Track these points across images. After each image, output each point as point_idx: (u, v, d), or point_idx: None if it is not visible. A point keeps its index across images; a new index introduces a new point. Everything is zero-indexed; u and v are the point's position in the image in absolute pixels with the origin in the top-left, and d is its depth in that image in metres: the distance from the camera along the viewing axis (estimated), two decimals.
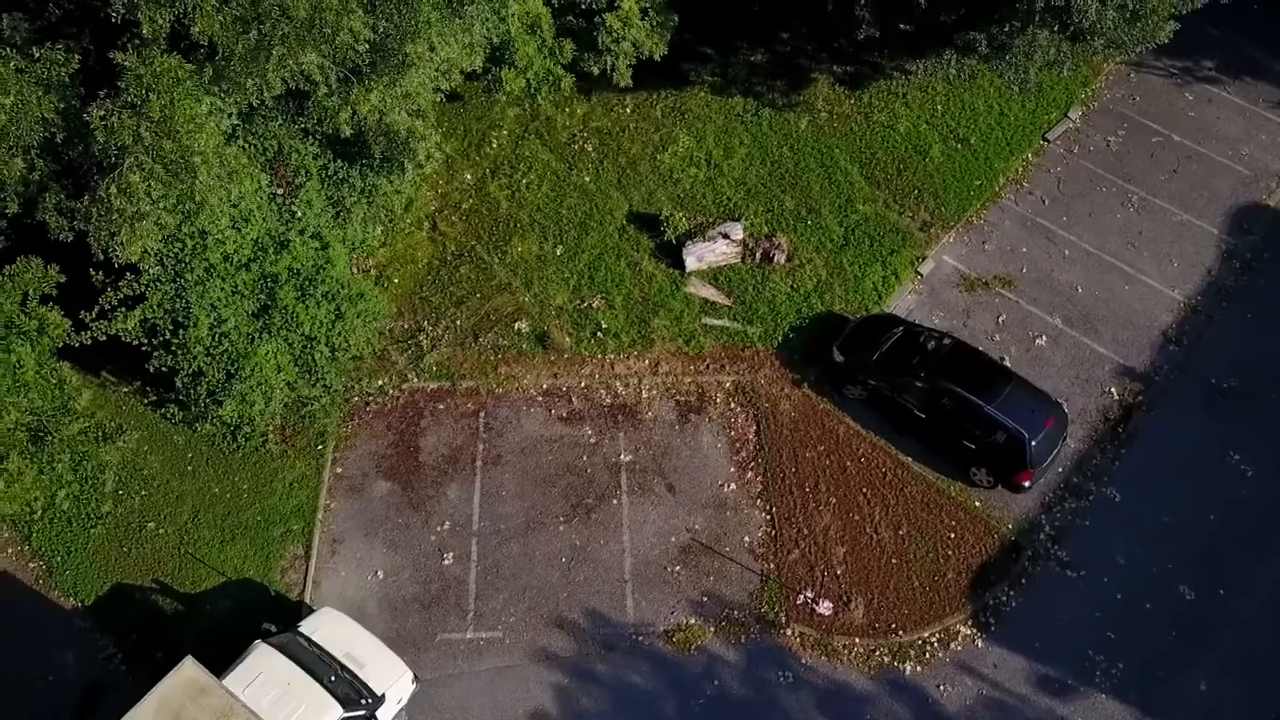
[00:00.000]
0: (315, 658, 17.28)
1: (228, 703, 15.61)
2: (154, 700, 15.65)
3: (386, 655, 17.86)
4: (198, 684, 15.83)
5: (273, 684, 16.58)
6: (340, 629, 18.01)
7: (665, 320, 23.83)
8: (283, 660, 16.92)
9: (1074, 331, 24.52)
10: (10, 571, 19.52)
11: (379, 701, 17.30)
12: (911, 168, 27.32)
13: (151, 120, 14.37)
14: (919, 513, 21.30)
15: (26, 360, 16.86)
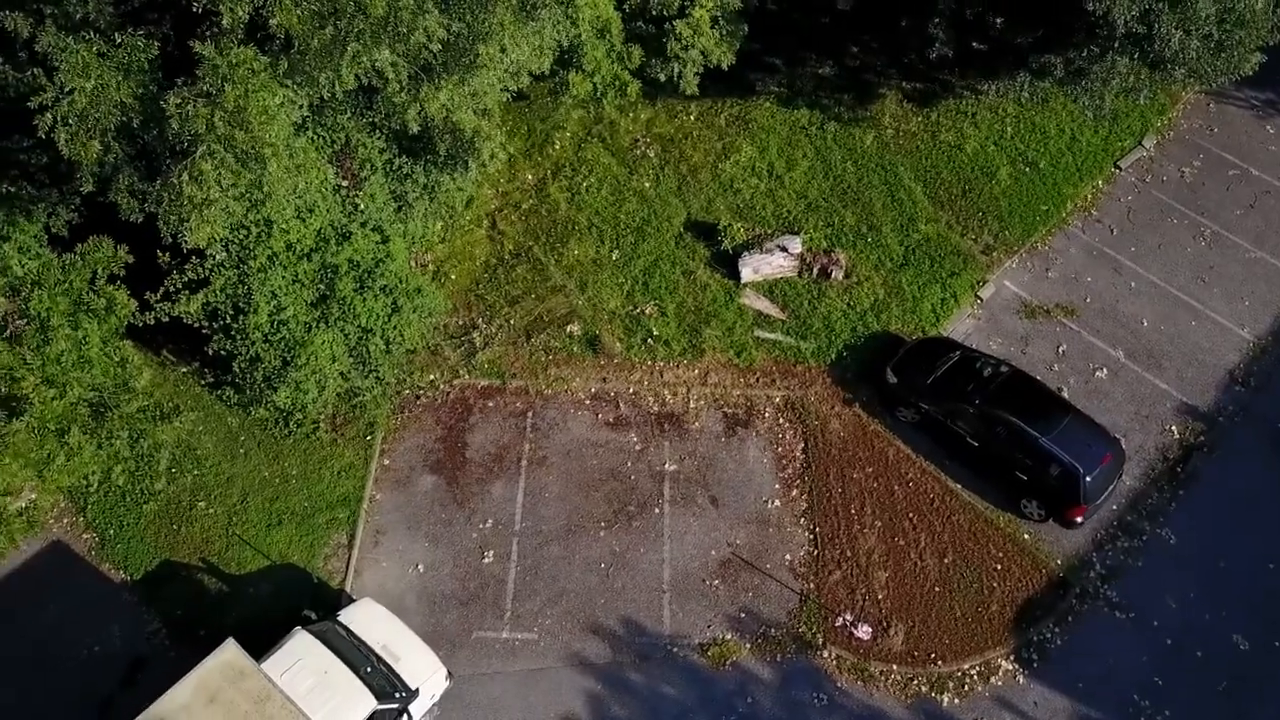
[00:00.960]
0: (353, 647, 17.42)
1: (265, 688, 15.78)
2: (193, 680, 15.88)
3: (422, 650, 17.96)
4: (237, 667, 16.03)
5: (310, 671, 16.72)
6: (378, 621, 18.15)
7: (717, 330, 23.70)
8: (321, 648, 17.07)
9: (1136, 366, 23.92)
10: (65, 541, 19.97)
11: (412, 696, 17.38)
12: (977, 189, 26.88)
13: (225, 110, 14.60)
14: (966, 542, 20.92)
15: (92, 337, 17.22)
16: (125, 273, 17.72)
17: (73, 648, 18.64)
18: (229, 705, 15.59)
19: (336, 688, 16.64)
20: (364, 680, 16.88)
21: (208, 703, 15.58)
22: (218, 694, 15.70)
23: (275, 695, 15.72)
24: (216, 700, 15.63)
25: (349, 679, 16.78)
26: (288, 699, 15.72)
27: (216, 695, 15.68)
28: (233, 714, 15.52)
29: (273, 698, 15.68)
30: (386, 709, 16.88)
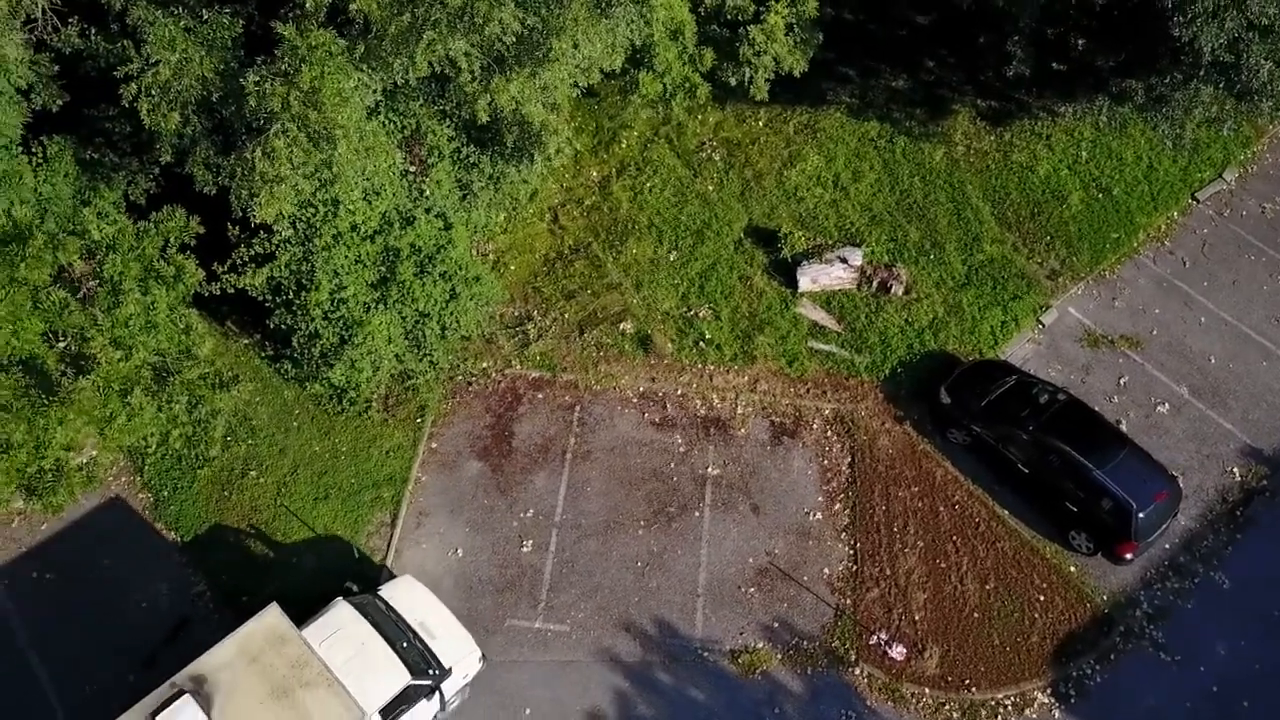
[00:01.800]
0: (391, 622, 17.67)
1: (304, 654, 16.11)
2: (235, 642, 16.28)
3: (458, 631, 18.17)
4: (278, 632, 16.39)
5: (348, 642, 16.99)
6: (418, 598, 18.41)
7: (770, 338, 23.59)
8: (360, 620, 17.35)
9: (1200, 403, 23.28)
10: (123, 498, 20.58)
11: (446, 674, 17.57)
12: (1046, 212, 26.39)
13: (301, 90, 14.95)
14: (1009, 569, 20.55)
15: (160, 303, 17.73)
16: (196, 243, 18.23)
17: (123, 602, 19.21)
18: (268, 667, 15.95)
19: (372, 660, 16.90)
20: (400, 655, 17.11)
21: (248, 663, 15.98)
22: (258, 656, 16.09)
23: (313, 662, 16.04)
24: (257, 661, 16.02)
25: (385, 652, 17.03)
26: (325, 666, 16.02)
27: (257, 657, 16.07)
28: (271, 676, 15.87)
29: (310, 664, 16.00)
30: (419, 684, 17.10)
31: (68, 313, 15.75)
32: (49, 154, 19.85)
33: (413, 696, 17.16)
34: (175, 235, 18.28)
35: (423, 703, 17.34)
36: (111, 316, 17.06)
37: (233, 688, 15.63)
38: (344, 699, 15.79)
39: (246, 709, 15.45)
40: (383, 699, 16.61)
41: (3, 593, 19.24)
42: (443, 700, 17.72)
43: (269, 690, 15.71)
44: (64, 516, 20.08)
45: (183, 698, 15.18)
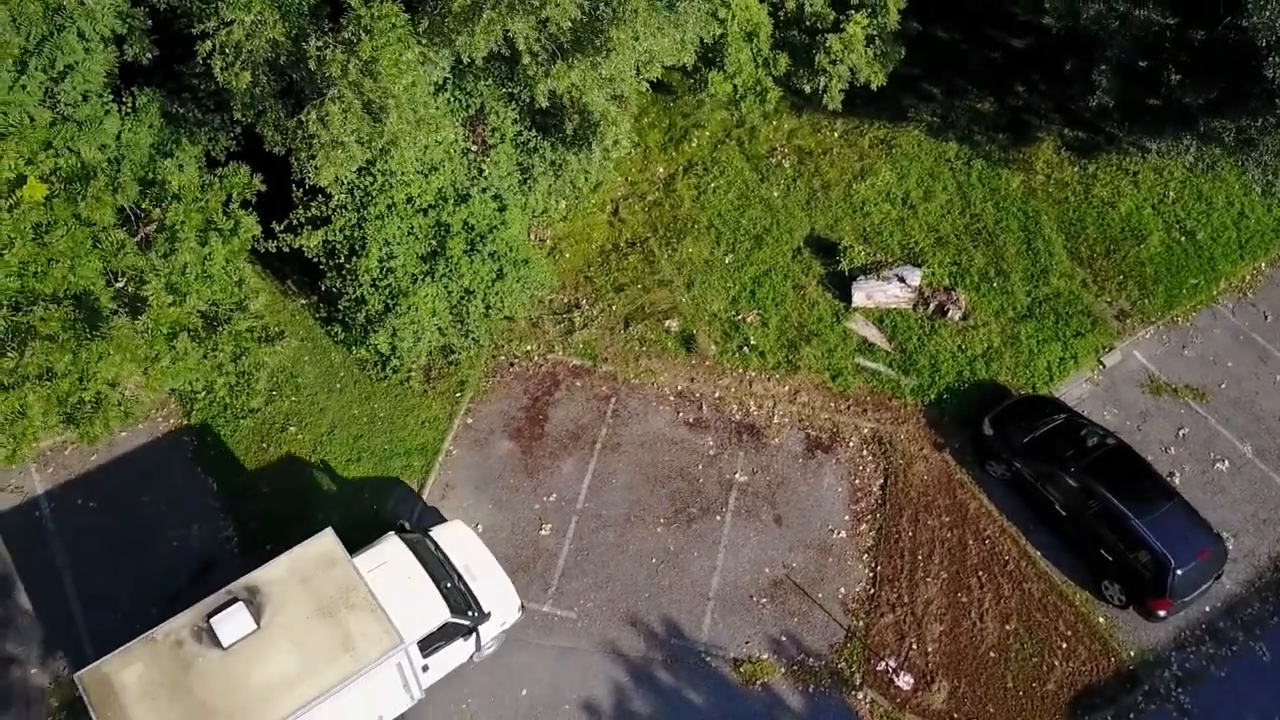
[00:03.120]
0: (437, 561, 18.06)
1: (352, 578, 16.61)
2: (289, 560, 16.90)
3: (501, 578, 18.54)
4: (330, 555, 16.94)
5: (394, 574, 17.36)
6: (466, 543, 18.82)
7: (816, 350, 23.28)
8: (409, 555, 17.75)
9: (1264, 465, 22.17)
10: (170, 439, 21.37)
11: (484, 617, 17.91)
12: (1122, 251, 25.45)
13: (360, 59, 15.33)
14: (1033, 612, 19.89)
15: (216, 255, 18.35)
16: (260, 200, 18.82)
17: (156, 538, 19.97)
18: (317, 588, 16.53)
19: (416, 594, 17.29)
20: (442, 593, 17.49)
21: (299, 581, 16.60)
22: (309, 576, 16.67)
23: (360, 587, 16.53)
24: (307, 581, 16.61)
25: (429, 588, 17.44)
26: (370, 592, 16.49)
27: (308, 577, 16.65)
28: (319, 597, 16.47)
29: (357, 589, 16.50)
30: (458, 623, 17.46)
31: (124, 254, 16.42)
32: (137, 104, 20.71)
33: (451, 634, 17.54)
34: (238, 190, 18.88)
35: (459, 642, 17.72)
36: (168, 263, 17.74)
37: (282, 602, 16.27)
38: (385, 625, 16.21)
39: (293, 622, 16.08)
40: (421, 631, 17.04)
41: (49, 514, 20.19)
42: (479, 642, 18.05)
43: (316, 608, 16.31)
44: (113, 451, 21.02)
45: (236, 604, 15.91)
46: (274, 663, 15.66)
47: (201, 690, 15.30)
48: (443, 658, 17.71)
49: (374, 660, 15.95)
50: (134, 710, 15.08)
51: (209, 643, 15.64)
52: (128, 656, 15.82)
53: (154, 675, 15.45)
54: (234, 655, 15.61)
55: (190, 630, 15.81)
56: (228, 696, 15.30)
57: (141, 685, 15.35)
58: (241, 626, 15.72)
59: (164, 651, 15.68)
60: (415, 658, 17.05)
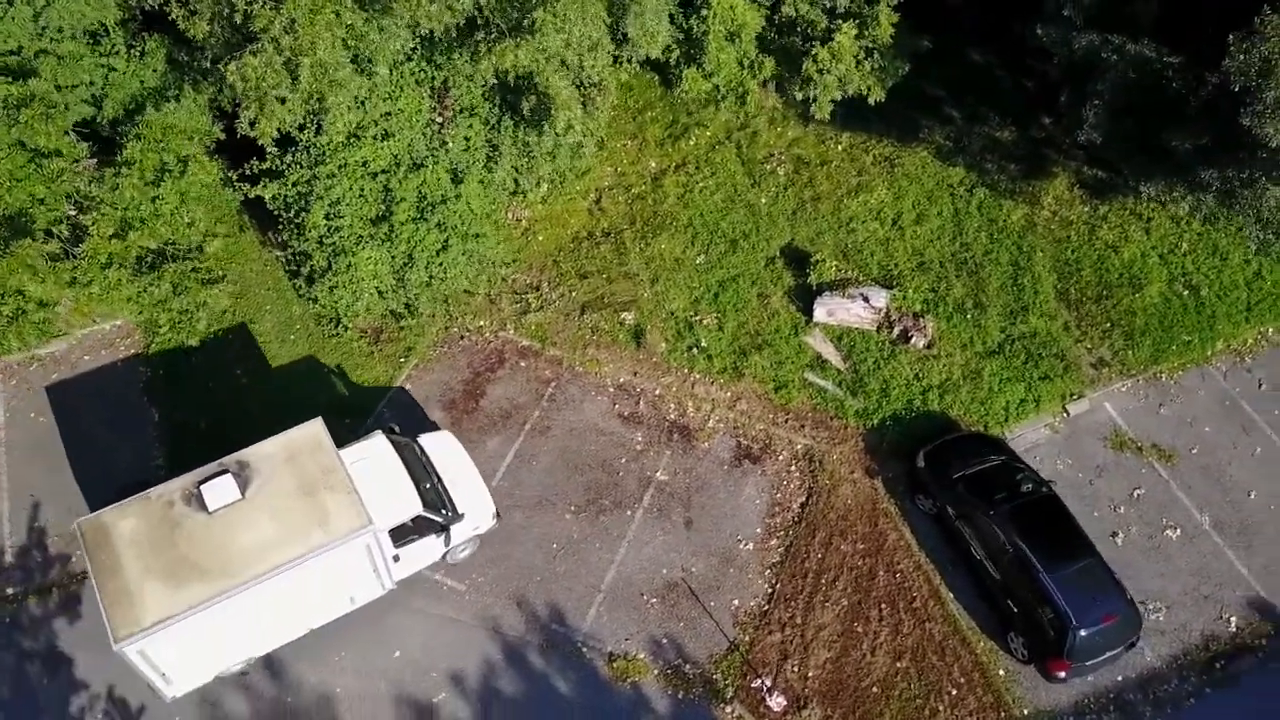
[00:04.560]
0: (419, 464, 19.02)
1: (334, 464, 17.61)
2: (280, 441, 17.92)
3: (479, 486, 19.41)
4: (317, 440, 17.95)
5: (375, 468, 18.34)
6: (451, 453, 19.72)
7: (765, 360, 22.91)
8: (393, 454, 18.69)
9: (1220, 539, 20.88)
10: (127, 366, 22.34)
11: (457, 517, 18.74)
12: (1116, 298, 24.25)
13: (284, 16, 15.81)
14: (930, 653, 19.20)
15: (169, 195, 19.27)
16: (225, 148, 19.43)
17: (91, 457, 20.99)
18: (301, 467, 17.55)
19: (393, 487, 18.25)
20: (419, 489, 18.39)
21: (286, 460, 17.64)
22: (296, 456, 17.71)
23: (340, 471, 17.53)
24: (293, 461, 17.64)
25: (406, 484, 18.37)
26: (349, 477, 17.46)
27: (295, 457, 17.70)
28: (302, 476, 17.46)
29: (337, 473, 17.50)
30: (430, 518, 18.34)
31: (61, 181, 17.34)
32: (146, 49, 21.83)
33: (423, 528, 18.44)
34: (199, 137, 19.77)
35: (431, 538, 18.64)
36: (115, 196, 18.68)
37: (269, 477, 17.41)
38: (358, 507, 17.15)
39: (274, 496, 17.19)
40: (394, 520, 17.97)
41: (3, 425, 21.44)
42: (449, 540, 18.84)
43: (297, 486, 17.35)
44: (74, 370, 22.16)
45: (225, 475, 17.15)
46: (253, 530, 16.79)
47: (185, 546, 16.60)
48: (414, 551, 18.61)
49: (343, 536, 16.89)
50: (123, 557, 16.47)
51: (196, 506, 16.89)
52: (124, 510, 17.15)
53: (144, 529, 16.77)
54: (217, 519, 16.82)
55: (182, 494, 17.10)
56: (207, 555, 16.54)
57: (132, 536, 16.70)
58: (227, 495, 16.92)
59: (156, 510, 16.99)
60: (386, 546, 17.97)
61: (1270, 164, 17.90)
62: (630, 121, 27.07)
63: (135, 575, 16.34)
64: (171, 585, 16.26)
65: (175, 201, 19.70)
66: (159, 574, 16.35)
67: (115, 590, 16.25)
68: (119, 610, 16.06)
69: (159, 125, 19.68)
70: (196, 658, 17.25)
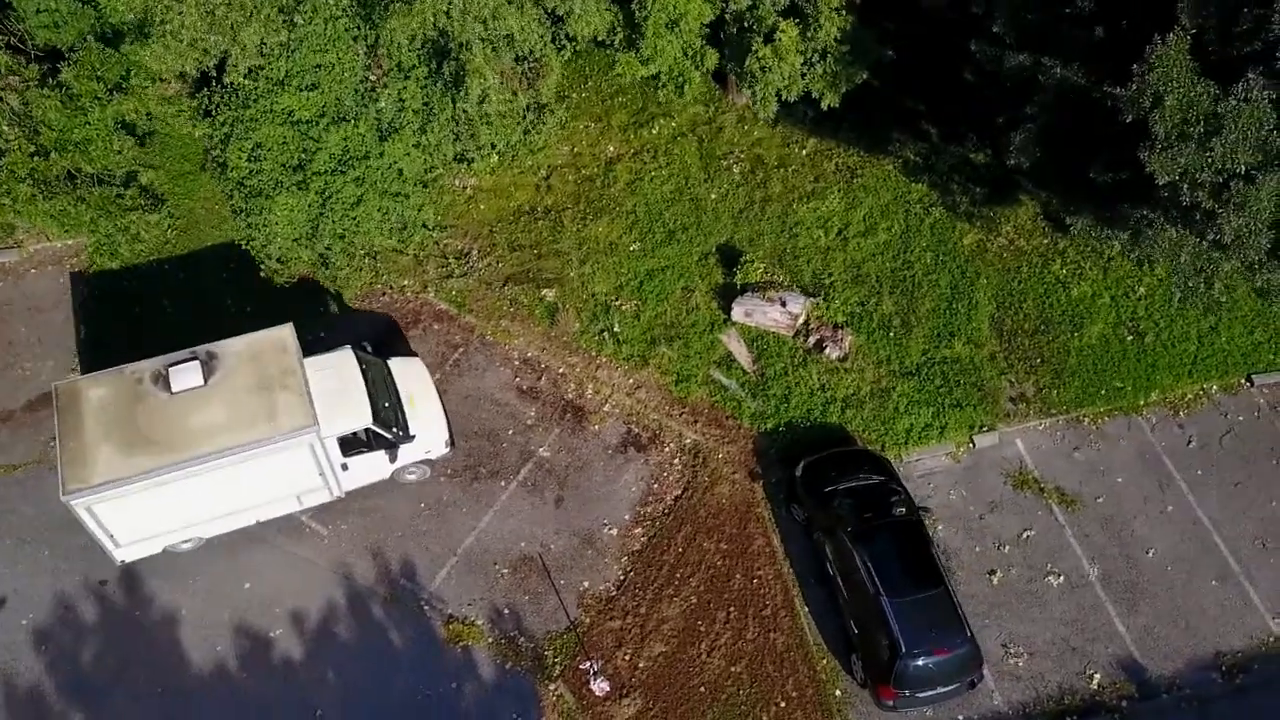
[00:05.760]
0: (382, 383, 19.80)
1: (293, 367, 18.51)
2: (248, 339, 18.92)
3: (437, 415, 20.12)
4: (283, 343, 18.85)
5: (336, 378, 19.19)
6: (416, 379, 20.54)
7: (673, 352, 22.79)
8: (355, 369, 19.45)
9: (1104, 593, 20.07)
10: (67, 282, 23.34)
11: (408, 438, 19.51)
12: (1053, 334, 23.43)
13: None
14: (767, 663, 18.92)
15: (98, 121, 20.17)
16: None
17: (15, 363, 22.08)
18: (263, 365, 18.53)
19: (349, 399, 19.04)
20: (374, 405, 19.11)
21: (250, 357, 18.62)
22: (260, 355, 18.67)
23: (298, 374, 18.44)
24: (257, 359, 18.60)
25: (361, 398, 19.11)
26: (304, 382, 18.37)
27: (259, 355, 18.67)
28: (262, 374, 18.44)
29: (295, 375, 18.42)
30: (380, 433, 19.14)
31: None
32: None
33: (370, 443, 19.27)
34: (136, 68, 20.64)
35: (380, 454, 19.47)
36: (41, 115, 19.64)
37: (231, 369, 18.42)
38: (306, 408, 18.03)
39: (233, 387, 18.23)
40: (342, 429, 18.77)
41: None
42: (396, 459, 19.65)
43: (256, 382, 18.34)
44: (18, 285, 23.28)
45: (193, 362, 18.29)
46: (206, 414, 17.87)
47: (143, 420, 17.80)
48: (362, 463, 19.44)
49: (286, 433, 17.82)
50: (87, 420, 17.73)
51: (162, 386, 18.05)
52: (97, 380, 18.36)
53: (111, 399, 17.96)
54: (177, 400, 17.96)
55: (151, 373, 18.22)
56: (161, 430, 17.71)
57: (99, 404, 17.91)
58: (191, 380, 18.08)
59: (126, 384, 18.18)
60: (334, 453, 18.88)
61: (1169, 203, 17.04)
62: (598, 105, 27.13)
63: (93, 438, 17.50)
64: (124, 452, 17.38)
65: (105, 129, 20.59)
66: (114, 441, 17.49)
67: (73, 449, 17.43)
68: (72, 467, 17.26)
69: (99, 53, 20.57)
70: (143, 527, 18.33)
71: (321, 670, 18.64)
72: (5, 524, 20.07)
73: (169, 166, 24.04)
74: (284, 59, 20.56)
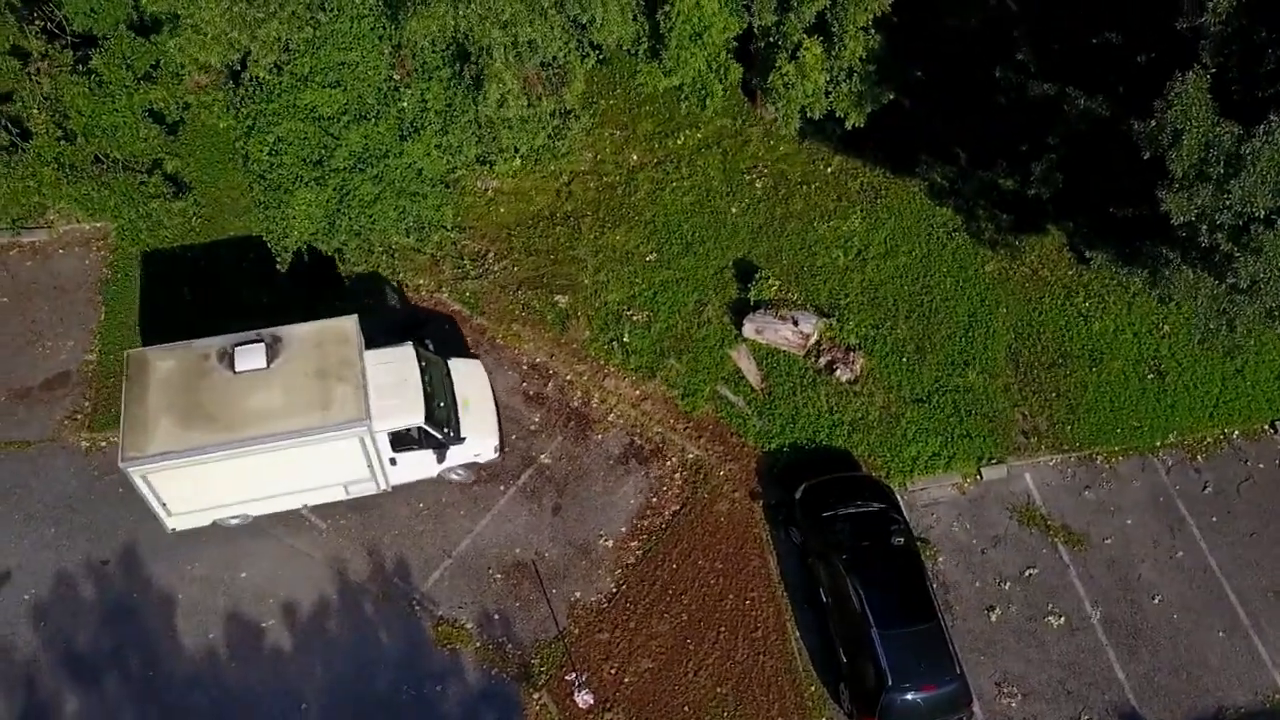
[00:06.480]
0: (440, 383, 19.91)
1: (353, 358, 18.79)
2: (314, 327, 19.33)
3: (491, 420, 20.26)
4: (346, 335, 19.17)
5: (394, 374, 19.28)
6: (475, 381, 20.71)
7: (681, 365, 22.67)
8: (415, 366, 19.54)
9: (1105, 636, 19.64)
10: (93, 264, 23.69)
11: (457, 440, 19.63)
12: (1070, 368, 22.99)
13: None
14: (755, 686, 18.74)
15: (124, 107, 20.51)
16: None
17: (36, 341, 22.48)
18: (324, 354, 18.85)
19: (404, 395, 19.13)
20: (428, 404, 19.17)
21: (314, 344, 18.99)
22: (323, 343, 19.03)
23: (356, 366, 18.72)
24: (320, 347, 18.96)
25: (417, 396, 19.17)
26: (362, 374, 18.63)
27: (321, 343, 19.02)
28: (323, 361, 18.77)
29: (353, 366, 18.71)
30: (430, 433, 19.24)
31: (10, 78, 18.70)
32: None
33: (420, 440, 19.34)
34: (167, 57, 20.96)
35: (429, 453, 19.55)
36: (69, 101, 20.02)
37: (294, 355, 18.76)
38: (360, 401, 18.27)
39: (293, 372, 18.55)
40: (394, 425, 18.89)
41: None
42: (444, 459, 19.71)
43: (316, 370, 18.62)
44: (46, 265, 23.71)
45: (259, 344, 18.65)
46: (265, 397, 18.20)
47: (205, 396, 18.23)
48: (410, 459, 19.51)
49: (338, 424, 18.06)
50: (151, 391, 18.18)
51: (226, 365, 18.47)
52: (166, 351, 18.81)
53: (177, 372, 18.43)
54: (240, 380, 18.32)
55: (218, 351, 18.68)
56: (220, 408, 18.10)
57: (166, 375, 18.39)
58: (255, 361, 18.43)
59: (193, 358, 18.64)
60: (384, 447, 19.00)
61: (1187, 243, 16.62)
62: (625, 112, 27.08)
63: (156, 409, 17.94)
64: (182, 425, 17.78)
65: (132, 117, 20.93)
66: (175, 413, 17.92)
67: (134, 417, 17.90)
68: (132, 434, 17.72)
69: (130, 42, 20.91)
70: (195, 499, 18.70)
71: (309, 663, 18.76)
72: (15, 500, 20.43)
73: (199, 155, 24.41)
74: (308, 55, 20.72)
